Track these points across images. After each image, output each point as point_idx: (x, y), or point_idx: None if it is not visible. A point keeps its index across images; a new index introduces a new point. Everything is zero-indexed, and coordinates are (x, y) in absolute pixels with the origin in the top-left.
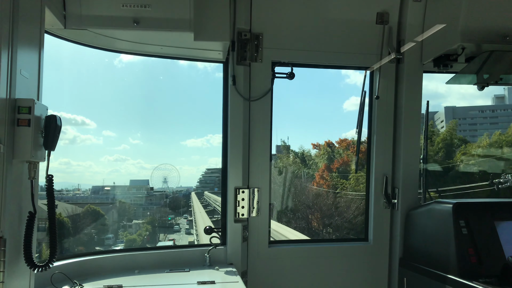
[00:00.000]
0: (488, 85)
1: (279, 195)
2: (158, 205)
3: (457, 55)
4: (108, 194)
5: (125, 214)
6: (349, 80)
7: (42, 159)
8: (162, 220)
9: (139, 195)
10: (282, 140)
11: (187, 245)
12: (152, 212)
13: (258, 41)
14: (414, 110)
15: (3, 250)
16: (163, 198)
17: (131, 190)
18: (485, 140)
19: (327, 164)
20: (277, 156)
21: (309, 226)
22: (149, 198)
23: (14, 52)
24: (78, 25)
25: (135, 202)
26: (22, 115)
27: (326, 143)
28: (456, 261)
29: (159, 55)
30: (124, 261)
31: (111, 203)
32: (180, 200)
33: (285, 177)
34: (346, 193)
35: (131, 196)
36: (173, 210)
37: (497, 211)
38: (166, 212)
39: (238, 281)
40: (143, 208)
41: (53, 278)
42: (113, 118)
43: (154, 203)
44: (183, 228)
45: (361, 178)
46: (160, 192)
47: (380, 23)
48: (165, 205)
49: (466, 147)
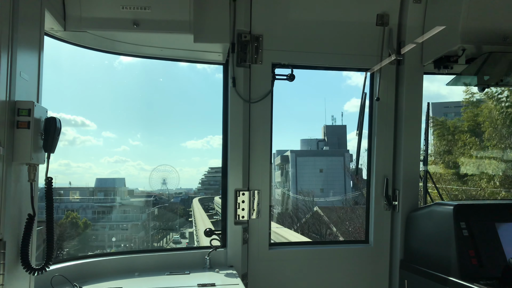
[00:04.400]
0: (488, 87)
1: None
2: (136, 221)
3: (457, 57)
4: (57, 201)
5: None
6: (350, 81)
7: (41, 162)
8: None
9: (106, 204)
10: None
11: (187, 247)
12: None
13: (258, 42)
14: (415, 112)
15: (2, 253)
16: (149, 206)
17: (97, 194)
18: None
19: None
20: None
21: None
22: (126, 208)
23: (13, 54)
24: (77, 27)
25: (97, 218)
26: (21, 117)
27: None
28: (457, 263)
29: (159, 57)
30: (124, 263)
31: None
32: (175, 209)
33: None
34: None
35: (93, 205)
36: (165, 225)
37: (498, 213)
38: (146, 239)
39: (239, 284)
40: (110, 226)
41: (53, 280)
42: (113, 119)
43: (131, 217)
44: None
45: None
46: (147, 198)
47: (380, 24)
48: (150, 217)
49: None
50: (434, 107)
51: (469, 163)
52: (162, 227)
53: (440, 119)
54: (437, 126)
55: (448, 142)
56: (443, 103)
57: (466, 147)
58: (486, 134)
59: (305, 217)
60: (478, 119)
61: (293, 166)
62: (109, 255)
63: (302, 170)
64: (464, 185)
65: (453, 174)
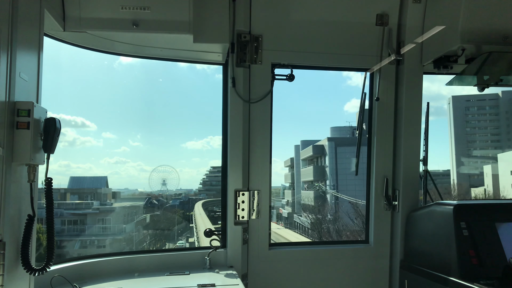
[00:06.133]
0: (488, 86)
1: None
2: (117, 235)
3: (457, 57)
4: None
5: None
6: (350, 82)
7: (41, 162)
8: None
9: (79, 211)
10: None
11: (187, 247)
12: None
13: (257, 42)
14: (414, 112)
15: (2, 254)
16: (138, 212)
17: (69, 197)
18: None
19: None
20: None
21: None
22: (107, 216)
23: (13, 55)
24: (77, 28)
25: (67, 231)
26: (21, 118)
27: None
28: (457, 263)
29: (159, 57)
30: (124, 264)
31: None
32: (173, 215)
33: None
34: None
35: (63, 212)
36: (159, 236)
37: (498, 213)
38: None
39: (239, 284)
40: (82, 243)
41: (52, 281)
42: (113, 120)
43: (112, 230)
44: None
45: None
46: (137, 203)
47: (380, 24)
48: (141, 227)
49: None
50: (455, 101)
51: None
52: (155, 238)
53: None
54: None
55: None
56: (463, 96)
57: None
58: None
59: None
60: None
61: (332, 158)
62: (109, 255)
63: (344, 164)
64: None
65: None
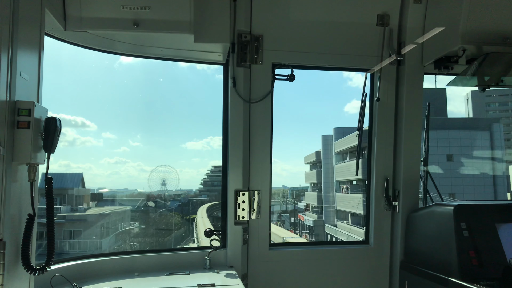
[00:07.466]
0: (489, 87)
1: None
2: (89, 252)
3: (457, 57)
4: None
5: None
6: (351, 82)
7: (42, 162)
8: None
9: (43, 220)
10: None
11: (187, 247)
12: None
13: (258, 42)
14: (415, 112)
15: (2, 253)
16: (125, 219)
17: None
18: None
19: None
20: None
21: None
22: (77, 226)
23: (14, 54)
24: (78, 27)
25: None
26: (22, 117)
27: None
28: (457, 264)
29: (159, 57)
30: (124, 263)
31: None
32: (170, 219)
33: None
34: None
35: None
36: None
37: (498, 213)
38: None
39: (239, 284)
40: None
41: (52, 280)
42: (113, 120)
43: (83, 247)
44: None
45: None
46: (124, 207)
47: (380, 25)
48: (127, 240)
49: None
50: (474, 97)
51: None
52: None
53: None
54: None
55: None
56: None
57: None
58: None
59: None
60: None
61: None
62: (109, 255)
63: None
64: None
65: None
